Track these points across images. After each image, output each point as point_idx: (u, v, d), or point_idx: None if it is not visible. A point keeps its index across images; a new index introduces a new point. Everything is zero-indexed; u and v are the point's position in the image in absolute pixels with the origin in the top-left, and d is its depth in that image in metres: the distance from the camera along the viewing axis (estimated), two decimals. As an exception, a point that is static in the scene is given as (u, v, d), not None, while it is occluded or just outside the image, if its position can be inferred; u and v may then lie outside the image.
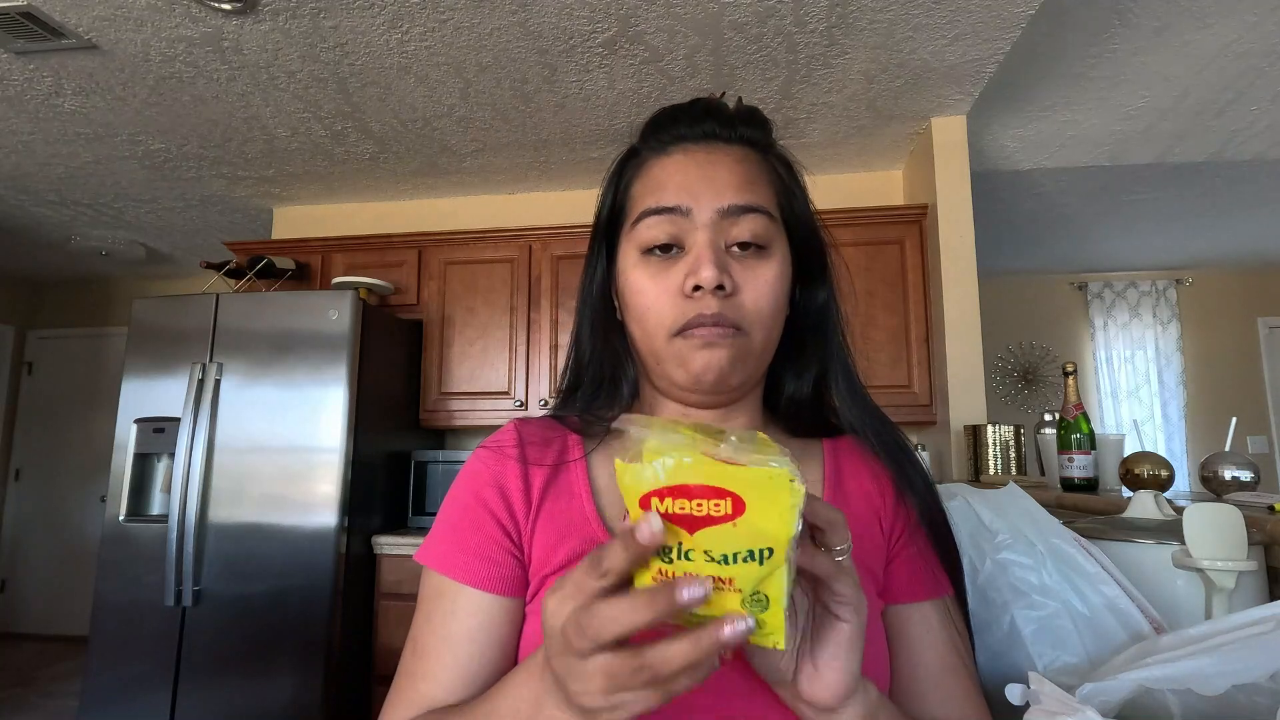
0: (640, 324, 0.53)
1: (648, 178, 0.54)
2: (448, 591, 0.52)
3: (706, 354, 0.49)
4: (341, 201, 3.26)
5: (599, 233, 0.58)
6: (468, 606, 0.51)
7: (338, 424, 2.21)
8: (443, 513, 0.56)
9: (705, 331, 0.49)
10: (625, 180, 0.57)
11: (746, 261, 0.51)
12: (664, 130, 0.56)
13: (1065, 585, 0.63)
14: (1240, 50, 2.13)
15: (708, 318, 0.49)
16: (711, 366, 0.50)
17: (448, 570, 0.52)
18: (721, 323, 0.49)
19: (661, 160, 0.54)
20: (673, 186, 0.52)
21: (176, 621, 2.16)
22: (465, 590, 0.51)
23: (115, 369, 4.35)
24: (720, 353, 0.50)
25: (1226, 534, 0.64)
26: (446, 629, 0.51)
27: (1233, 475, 1.16)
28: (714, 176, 0.52)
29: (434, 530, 0.55)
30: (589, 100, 2.36)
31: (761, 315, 0.51)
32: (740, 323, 0.50)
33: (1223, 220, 3.54)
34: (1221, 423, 1.64)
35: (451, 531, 0.54)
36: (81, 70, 2.15)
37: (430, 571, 0.53)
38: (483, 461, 0.56)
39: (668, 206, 0.51)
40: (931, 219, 2.49)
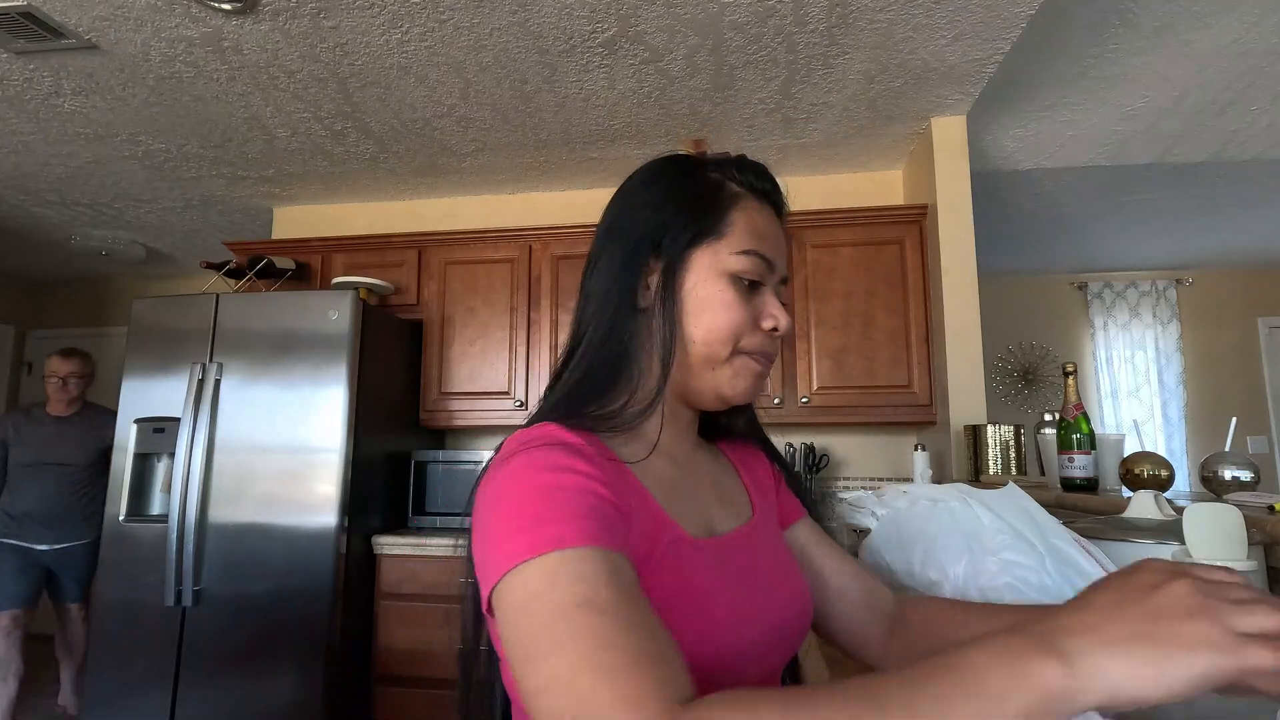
0: (712, 330, 0.59)
1: (752, 217, 0.62)
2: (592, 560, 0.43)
3: (756, 382, 0.62)
4: (341, 201, 3.26)
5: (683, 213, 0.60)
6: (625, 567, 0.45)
7: (338, 424, 2.21)
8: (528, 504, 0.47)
9: (764, 363, 0.61)
10: (726, 200, 0.62)
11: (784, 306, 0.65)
12: (756, 178, 0.64)
13: (1064, 585, 0.63)
14: (1240, 50, 2.13)
15: (770, 354, 0.62)
16: (753, 392, 0.62)
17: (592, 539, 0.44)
18: (770, 359, 0.63)
19: (762, 208, 0.63)
20: (770, 240, 0.62)
21: (176, 621, 2.16)
22: (609, 554, 0.44)
23: (115, 369, 4.34)
24: (761, 384, 0.63)
25: (1226, 534, 0.64)
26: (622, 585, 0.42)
27: (1233, 475, 1.16)
28: (785, 246, 0.65)
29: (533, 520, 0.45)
30: (589, 100, 2.36)
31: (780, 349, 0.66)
32: (774, 355, 0.64)
33: (1223, 220, 3.54)
34: (1221, 423, 1.65)
35: (563, 511, 0.46)
36: (81, 70, 2.15)
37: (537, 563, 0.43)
38: (562, 454, 0.50)
39: (768, 257, 0.61)
40: (931, 219, 2.49)
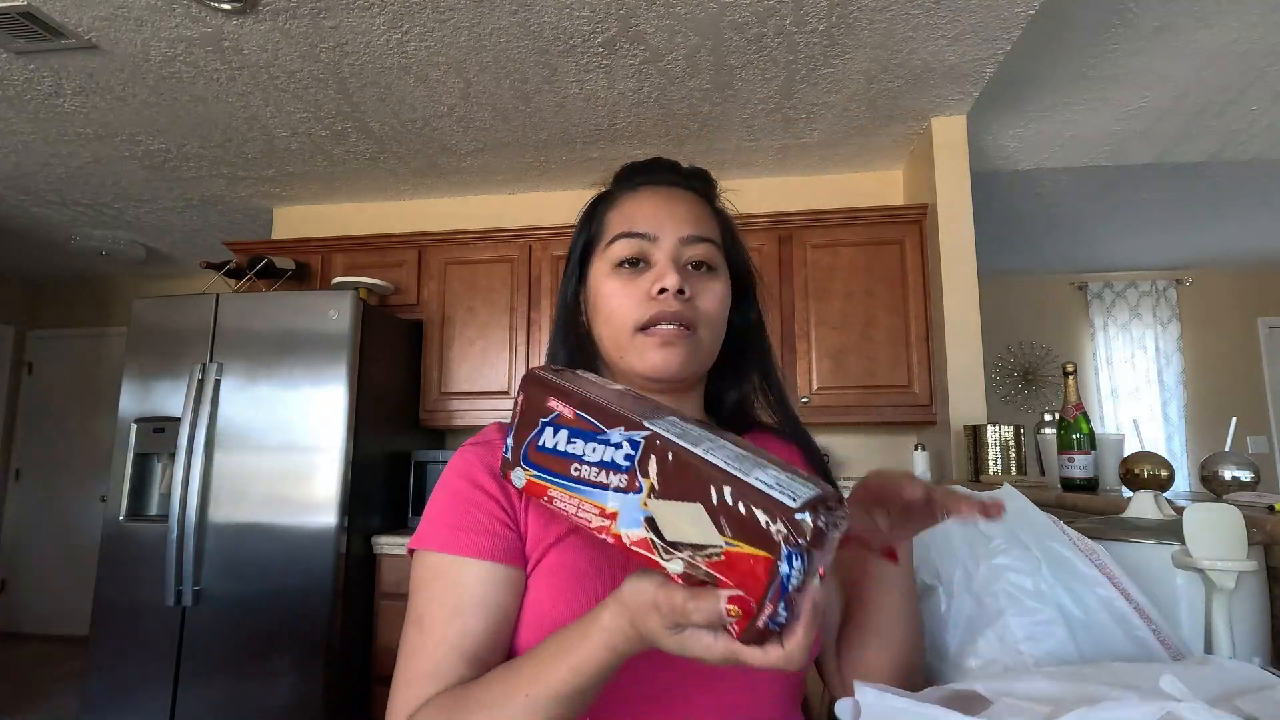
0: (609, 322, 0.63)
1: (620, 209, 0.66)
2: (449, 568, 0.55)
3: (665, 351, 0.60)
4: (341, 201, 3.26)
5: (574, 258, 0.69)
6: (475, 577, 0.54)
7: (338, 424, 2.21)
8: (434, 503, 0.59)
9: (666, 331, 0.60)
10: (600, 213, 0.68)
11: (700, 278, 0.64)
12: (634, 175, 0.69)
13: (1060, 589, 0.63)
14: (1240, 50, 2.13)
15: (669, 315, 0.60)
16: (670, 363, 0.60)
17: (450, 547, 0.55)
18: (680, 320, 0.60)
19: (632, 196, 0.67)
20: (642, 217, 0.64)
21: (176, 621, 2.16)
22: (469, 563, 0.55)
23: (115, 369, 4.35)
24: (676, 350, 0.60)
25: (1226, 534, 0.64)
26: (455, 600, 0.54)
27: (1233, 475, 1.16)
28: (675, 211, 0.65)
29: (427, 519, 0.59)
30: (589, 100, 2.36)
31: (710, 318, 0.63)
32: (695, 322, 0.61)
33: (1223, 220, 3.54)
34: (1221, 423, 1.65)
35: (448, 514, 0.57)
36: (81, 70, 2.15)
37: (426, 555, 0.56)
38: (472, 453, 0.61)
39: (639, 232, 0.63)
40: (931, 219, 2.49)
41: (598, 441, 0.42)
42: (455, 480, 0.59)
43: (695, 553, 0.38)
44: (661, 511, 0.39)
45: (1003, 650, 0.63)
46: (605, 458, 0.42)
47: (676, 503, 0.39)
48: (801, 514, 0.35)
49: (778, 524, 0.35)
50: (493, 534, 0.56)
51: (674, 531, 0.39)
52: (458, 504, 0.58)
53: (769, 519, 0.35)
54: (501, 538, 0.56)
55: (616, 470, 0.41)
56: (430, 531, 0.57)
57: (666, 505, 0.39)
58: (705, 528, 0.37)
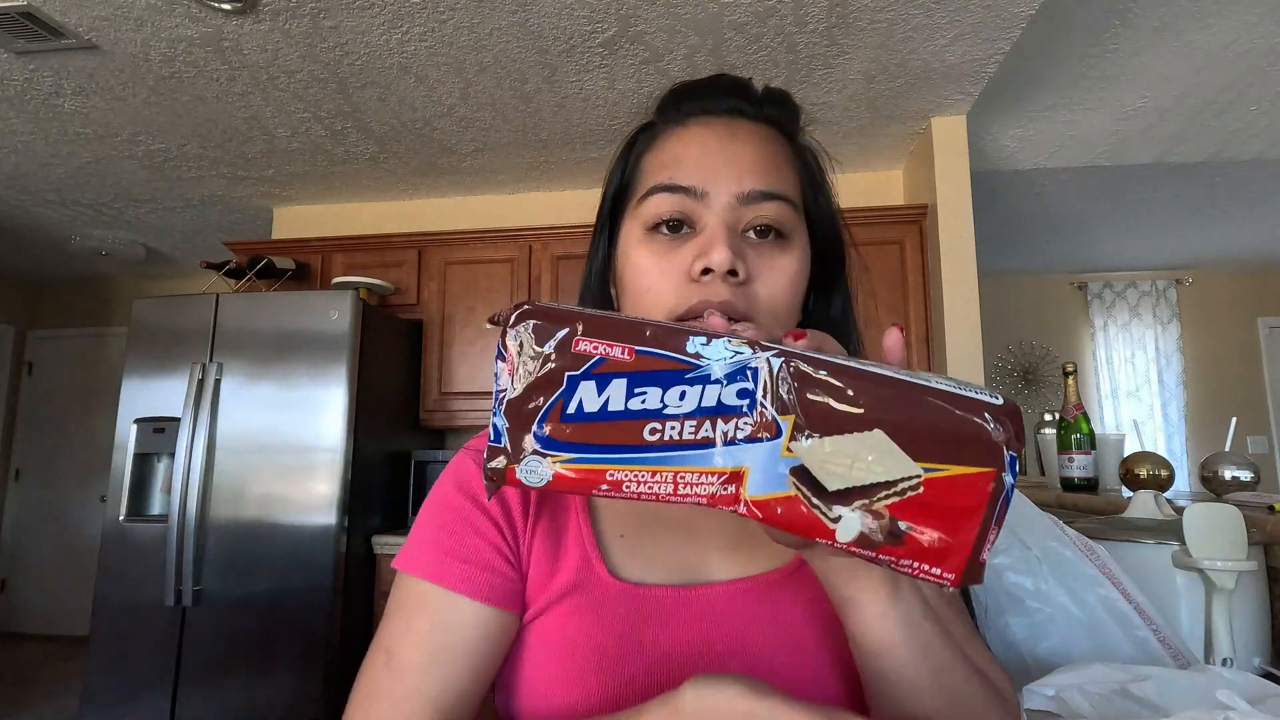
0: (636, 306, 0.47)
1: (662, 150, 0.49)
2: (434, 601, 0.45)
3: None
4: (341, 201, 3.26)
5: (604, 211, 0.53)
6: (466, 619, 0.45)
7: (338, 424, 2.21)
8: (426, 516, 0.49)
9: (713, 327, 0.43)
10: (636, 153, 0.51)
11: (763, 249, 0.46)
12: (685, 101, 0.51)
13: (1060, 589, 0.63)
14: (1240, 50, 2.13)
15: (715, 305, 0.43)
16: None
17: (440, 578, 0.45)
18: (730, 312, 0.43)
19: (678, 132, 0.49)
20: (689, 162, 0.47)
21: (176, 621, 2.16)
22: (461, 600, 0.45)
23: (115, 369, 4.35)
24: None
25: (1226, 534, 0.64)
26: (440, 644, 0.44)
27: (1233, 475, 1.16)
28: (736, 155, 0.47)
29: (415, 535, 0.49)
30: (589, 100, 2.36)
31: (776, 309, 0.45)
32: (751, 314, 0.44)
33: (1223, 220, 3.54)
34: (1221, 423, 1.65)
35: (439, 534, 0.47)
36: (81, 70, 2.15)
37: (409, 579, 0.47)
38: (472, 461, 0.50)
39: (681, 185, 0.46)
40: (931, 219, 2.49)
41: (687, 383, 0.30)
42: (451, 493, 0.49)
43: (877, 497, 0.29)
44: (816, 454, 0.29)
45: (1003, 650, 0.63)
46: (707, 401, 0.30)
47: (840, 437, 0.29)
48: (1011, 406, 0.28)
49: (995, 426, 0.28)
50: (490, 569, 0.46)
51: (841, 476, 0.29)
52: (451, 523, 0.48)
53: (983, 420, 0.28)
54: (500, 574, 0.47)
55: (731, 414, 0.30)
56: (418, 554, 0.47)
57: (825, 444, 0.29)
58: (891, 457, 0.28)
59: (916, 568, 0.29)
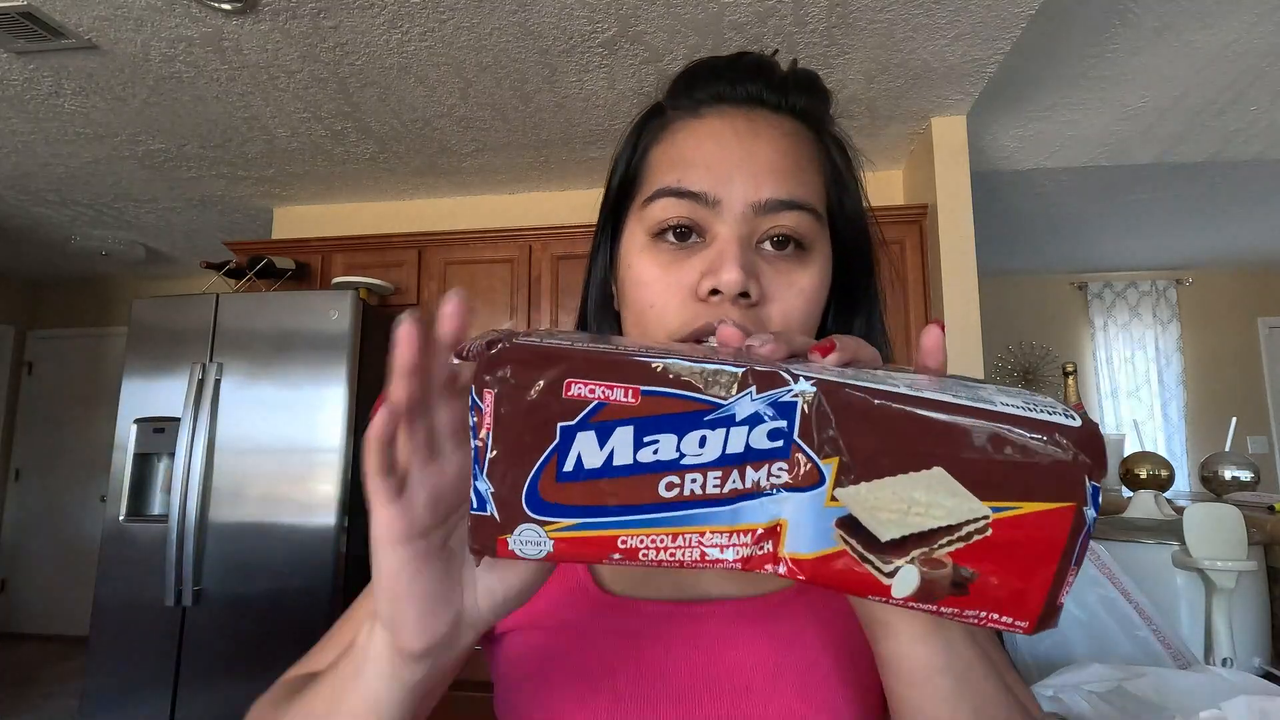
0: (639, 324, 0.43)
1: (672, 144, 0.44)
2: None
3: None
4: (341, 201, 3.26)
5: (607, 206, 0.48)
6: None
7: (338, 424, 2.21)
8: None
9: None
10: (644, 143, 0.46)
11: (780, 265, 0.41)
12: (699, 86, 0.45)
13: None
14: (1240, 50, 2.13)
15: (710, 329, 0.40)
16: None
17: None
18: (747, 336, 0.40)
19: (691, 124, 0.44)
20: (701, 163, 0.42)
21: (176, 621, 2.16)
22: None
23: (115, 369, 4.35)
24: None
25: (1226, 534, 0.64)
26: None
27: (1233, 475, 1.16)
28: (753, 156, 0.42)
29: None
30: (589, 100, 2.36)
31: (790, 330, 0.41)
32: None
33: (1223, 220, 3.54)
34: (1221, 423, 1.65)
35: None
36: (81, 70, 2.15)
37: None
38: None
39: (690, 191, 0.41)
40: (931, 219, 2.49)
41: (708, 426, 0.25)
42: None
43: (938, 544, 0.25)
44: (867, 501, 0.25)
45: (1003, 650, 0.63)
46: (732, 447, 0.25)
47: (894, 478, 0.25)
48: (1090, 429, 0.24)
49: (1075, 455, 0.24)
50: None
51: (897, 524, 0.25)
52: None
53: (1061, 449, 0.24)
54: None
55: (762, 460, 0.25)
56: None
57: (876, 488, 0.25)
58: (955, 497, 0.24)
59: (984, 618, 0.25)
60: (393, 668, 0.30)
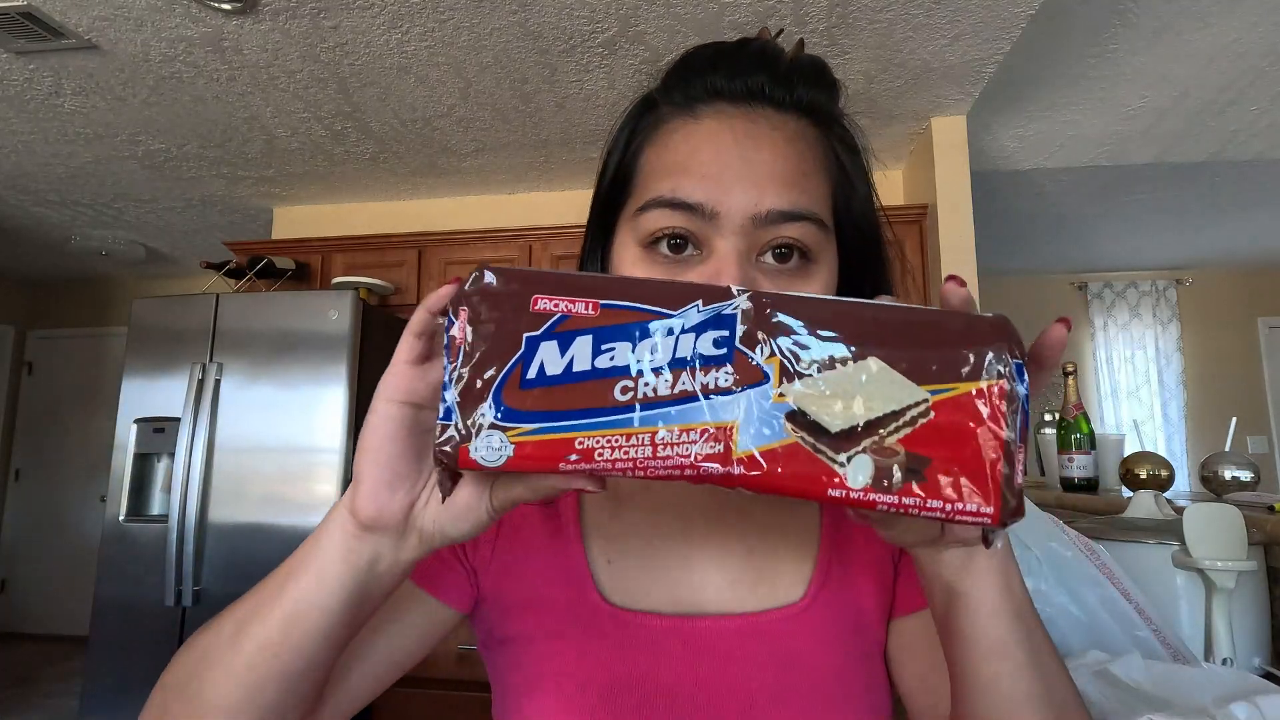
0: None
1: (666, 147, 0.41)
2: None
3: None
4: (341, 201, 3.26)
5: (596, 207, 0.46)
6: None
7: (338, 424, 2.21)
8: None
9: None
10: (636, 143, 0.44)
11: (782, 279, 0.39)
12: (696, 78, 0.42)
13: (1060, 589, 0.63)
14: (1240, 50, 2.13)
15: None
16: None
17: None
18: None
19: (687, 125, 0.41)
20: (698, 171, 0.39)
21: (176, 621, 2.16)
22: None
23: (115, 369, 4.35)
24: None
25: (1226, 534, 0.64)
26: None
27: (1233, 475, 1.16)
28: (754, 162, 0.39)
29: None
30: (589, 100, 2.36)
31: None
32: None
33: (1223, 220, 3.54)
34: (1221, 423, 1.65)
35: None
36: (81, 70, 2.15)
37: None
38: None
39: (686, 202, 0.38)
40: (931, 219, 2.49)
41: (659, 334, 0.27)
42: None
43: (887, 430, 0.26)
44: (812, 393, 0.26)
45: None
46: (681, 351, 0.27)
47: (833, 371, 0.26)
48: (1002, 318, 0.26)
49: (990, 333, 0.26)
50: (439, 558, 0.44)
51: (842, 414, 0.26)
52: None
53: (980, 332, 0.26)
54: (446, 562, 0.44)
55: (710, 365, 0.27)
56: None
57: (819, 381, 0.26)
58: (894, 385, 0.26)
59: (949, 510, 0.26)
60: (344, 535, 0.32)
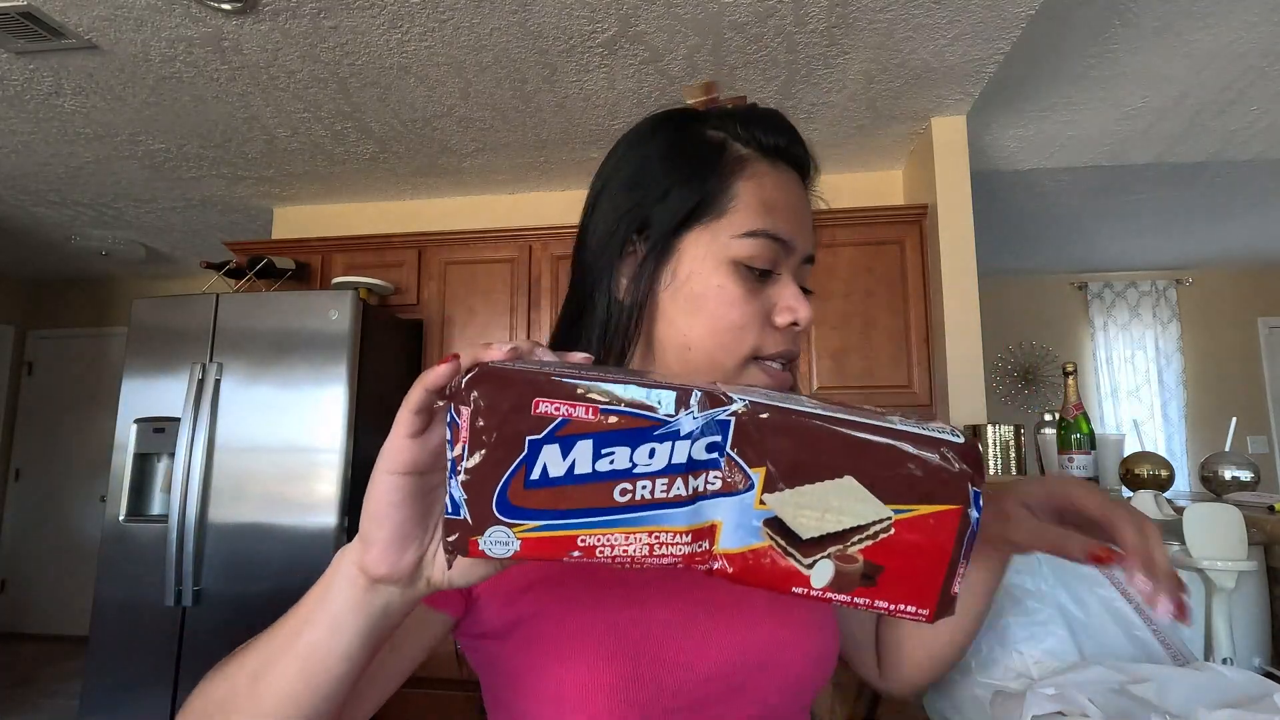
0: (714, 333, 0.47)
1: (761, 185, 0.49)
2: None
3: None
4: (341, 201, 3.26)
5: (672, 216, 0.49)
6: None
7: (338, 424, 2.21)
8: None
9: (778, 372, 0.49)
10: (727, 166, 0.49)
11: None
12: (766, 133, 0.51)
13: (1061, 589, 0.63)
14: (1240, 50, 2.13)
15: (792, 354, 0.50)
16: None
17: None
18: (794, 359, 0.51)
19: (771, 172, 0.50)
20: (784, 213, 0.49)
21: (176, 621, 2.16)
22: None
23: (115, 369, 4.35)
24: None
25: (1226, 534, 0.64)
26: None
27: (1233, 475, 1.16)
28: (806, 216, 0.51)
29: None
30: (589, 100, 2.36)
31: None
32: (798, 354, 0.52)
33: (1223, 220, 3.54)
34: (1221, 423, 1.65)
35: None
36: (81, 70, 2.15)
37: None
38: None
39: (782, 238, 0.48)
40: (931, 219, 2.49)
41: (656, 440, 0.29)
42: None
43: (850, 542, 0.29)
44: (790, 504, 0.29)
45: (1003, 651, 0.63)
46: (677, 458, 0.29)
47: (812, 486, 0.29)
48: (972, 445, 0.29)
49: (960, 465, 0.28)
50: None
51: (814, 524, 0.29)
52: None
53: (948, 461, 0.28)
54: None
55: (701, 469, 0.29)
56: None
57: (798, 494, 0.29)
58: (863, 502, 0.29)
59: (892, 608, 0.30)
60: (355, 588, 0.34)
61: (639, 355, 0.50)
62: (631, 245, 0.50)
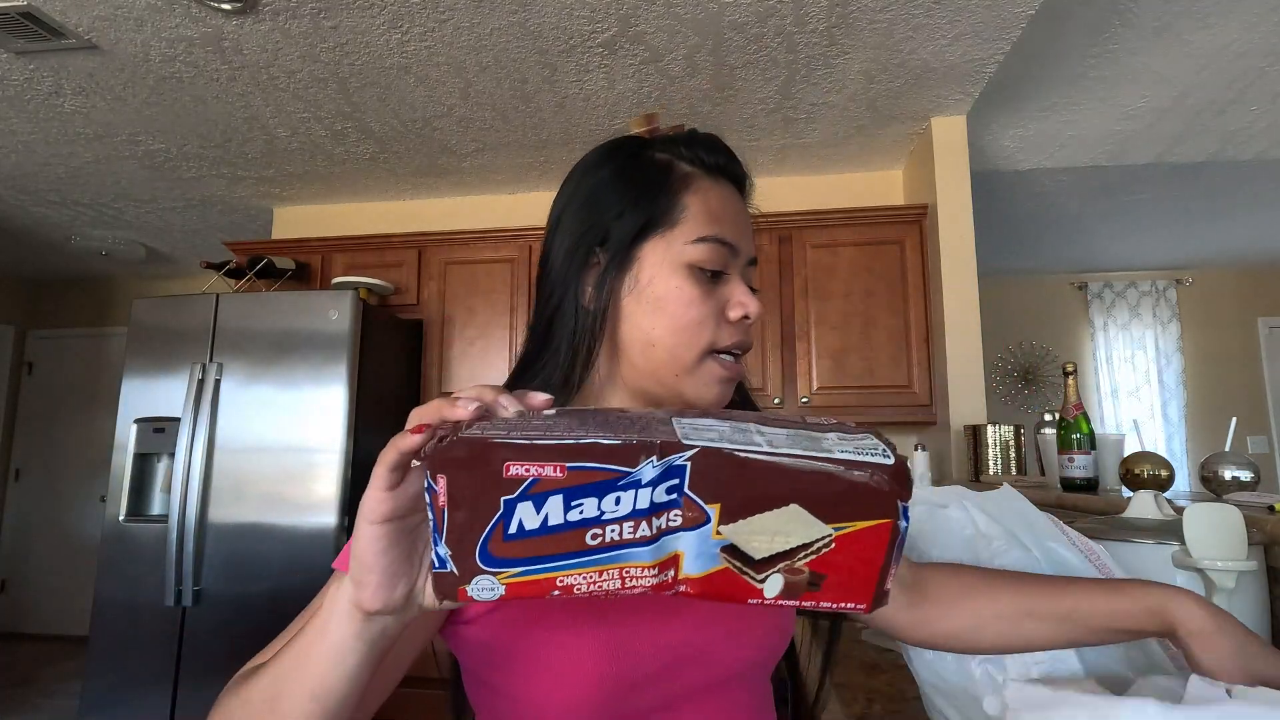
0: (674, 332, 0.52)
1: (706, 198, 0.55)
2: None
3: (725, 387, 0.54)
4: (341, 201, 3.26)
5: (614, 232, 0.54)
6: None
7: (338, 424, 2.21)
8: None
9: (732, 365, 0.54)
10: (675, 182, 0.55)
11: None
12: (707, 153, 0.57)
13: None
14: (1240, 50, 2.13)
15: (745, 344, 0.55)
16: (724, 399, 0.54)
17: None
18: (746, 349, 0.55)
19: (716, 187, 0.56)
20: (729, 221, 0.55)
21: (176, 621, 2.16)
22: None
23: (115, 369, 4.35)
24: (731, 387, 0.55)
25: (1226, 534, 0.64)
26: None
27: (1233, 475, 1.16)
28: (747, 225, 0.58)
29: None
30: (589, 100, 2.36)
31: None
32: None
33: (1223, 220, 3.54)
34: (1221, 423, 1.64)
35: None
36: (81, 70, 2.15)
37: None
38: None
39: (729, 242, 0.54)
40: (931, 219, 2.49)
41: (621, 489, 0.32)
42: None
43: (797, 559, 0.33)
44: (743, 532, 0.33)
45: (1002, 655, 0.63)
46: (640, 504, 0.32)
47: (762, 515, 0.33)
48: (900, 465, 0.33)
49: (890, 486, 0.32)
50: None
51: (765, 546, 0.33)
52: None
53: (879, 483, 0.32)
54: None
55: (662, 510, 0.33)
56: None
57: (750, 523, 0.33)
58: (806, 525, 0.33)
59: (836, 606, 0.35)
60: (353, 622, 0.37)
61: (605, 354, 0.54)
62: (595, 257, 0.55)
